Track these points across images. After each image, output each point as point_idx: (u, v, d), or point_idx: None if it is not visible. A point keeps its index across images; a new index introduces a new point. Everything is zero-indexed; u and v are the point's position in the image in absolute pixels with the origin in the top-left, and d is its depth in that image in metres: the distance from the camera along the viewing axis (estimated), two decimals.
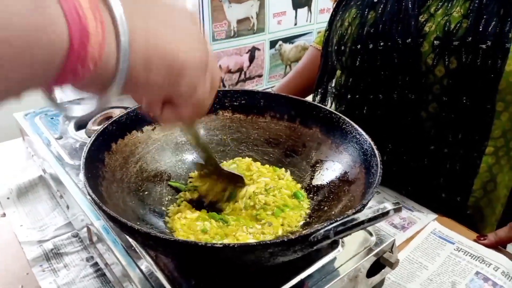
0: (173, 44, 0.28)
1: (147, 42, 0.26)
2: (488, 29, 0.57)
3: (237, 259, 0.33)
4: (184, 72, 0.28)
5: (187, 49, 0.29)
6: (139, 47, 0.25)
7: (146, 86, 0.27)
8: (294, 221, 0.48)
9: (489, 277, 0.56)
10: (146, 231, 0.32)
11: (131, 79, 0.26)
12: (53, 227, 0.63)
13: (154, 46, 0.26)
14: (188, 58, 0.28)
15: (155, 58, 0.27)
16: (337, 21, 0.74)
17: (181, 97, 0.30)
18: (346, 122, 0.52)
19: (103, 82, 0.25)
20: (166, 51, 0.27)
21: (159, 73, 0.27)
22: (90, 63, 0.23)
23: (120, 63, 0.24)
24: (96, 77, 0.24)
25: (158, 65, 0.27)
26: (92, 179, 0.40)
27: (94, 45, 0.23)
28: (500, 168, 0.67)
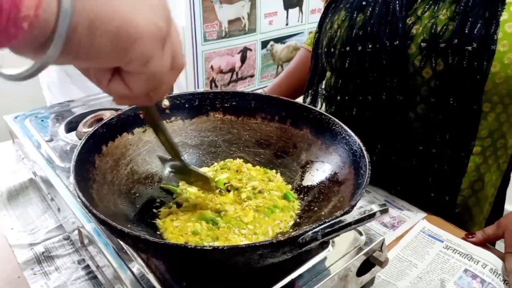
0: (125, 7, 0.25)
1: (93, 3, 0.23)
2: (474, 31, 0.57)
3: (227, 261, 0.33)
4: (135, 39, 0.25)
5: (141, 14, 0.25)
6: (83, 5, 0.23)
7: (89, 51, 0.24)
8: (284, 222, 0.48)
9: (478, 274, 0.57)
10: (135, 234, 0.32)
11: (72, 41, 0.23)
12: (44, 230, 0.63)
13: (101, 6, 0.24)
14: (140, 24, 0.25)
15: (101, 20, 0.24)
16: (327, 23, 0.75)
17: (130, 66, 0.27)
18: (336, 123, 0.52)
19: (39, 43, 0.23)
20: (116, 13, 0.24)
21: (105, 37, 0.24)
22: (23, 22, 0.21)
23: (59, 23, 0.22)
24: (32, 37, 0.22)
25: (105, 28, 0.24)
26: (82, 182, 0.40)
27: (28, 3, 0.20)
28: (487, 167, 0.68)
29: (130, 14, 0.25)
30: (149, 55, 0.27)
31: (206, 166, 0.58)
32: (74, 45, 0.23)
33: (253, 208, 0.48)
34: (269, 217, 0.48)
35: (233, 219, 0.47)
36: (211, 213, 0.47)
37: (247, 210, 0.49)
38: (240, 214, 0.47)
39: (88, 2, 0.23)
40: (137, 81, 0.29)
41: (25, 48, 0.23)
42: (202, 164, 0.58)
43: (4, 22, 0.20)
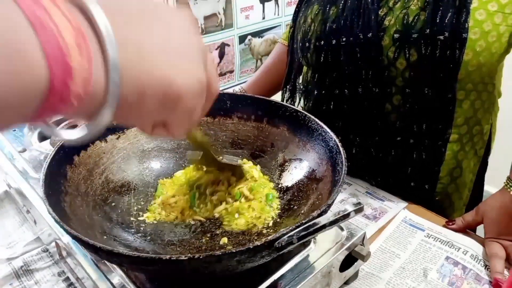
0: (169, 69, 0.25)
1: (140, 71, 0.24)
2: (445, 20, 0.58)
3: (204, 269, 0.33)
4: (179, 98, 0.26)
5: (184, 74, 0.26)
6: (131, 77, 0.23)
7: (138, 114, 0.26)
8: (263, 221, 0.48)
9: (459, 261, 0.58)
10: (108, 249, 0.31)
11: (122, 108, 0.24)
12: (22, 243, 0.62)
13: (148, 74, 0.24)
14: (185, 84, 0.26)
15: (148, 87, 0.24)
16: (300, 17, 0.74)
17: (175, 120, 0.29)
18: (312, 120, 0.52)
19: (90, 111, 0.23)
20: (161, 78, 0.25)
21: (152, 102, 0.25)
22: (73, 100, 0.21)
23: (109, 96, 0.22)
24: (82, 109, 0.22)
25: (152, 94, 0.25)
26: (53, 196, 0.39)
27: (78, 82, 0.21)
28: (465, 154, 0.69)
29: (173, 75, 0.26)
30: (193, 108, 0.28)
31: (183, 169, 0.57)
32: (123, 111, 0.24)
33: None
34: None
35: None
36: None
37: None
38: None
39: (134, 72, 0.24)
40: (179, 128, 0.30)
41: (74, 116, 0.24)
42: (179, 168, 0.57)
43: (56, 101, 0.21)
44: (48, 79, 0.20)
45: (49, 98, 0.21)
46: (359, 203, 0.32)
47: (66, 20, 0.20)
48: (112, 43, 0.22)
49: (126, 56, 0.23)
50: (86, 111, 0.23)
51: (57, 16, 0.20)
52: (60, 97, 0.21)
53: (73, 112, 0.22)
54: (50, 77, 0.20)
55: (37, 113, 0.21)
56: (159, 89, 0.25)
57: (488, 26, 0.58)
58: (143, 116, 0.27)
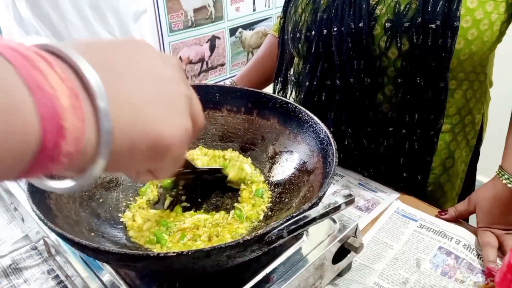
0: (158, 123, 0.26)
1: (131, 127, 0.24)
2: (437, 9, 0.57)
3: (194, 265, 0.32)
4: (169, 150, 0.27)
5: (172, 125, 0.27)
6: (122, 133, 0.24)
7: (127, 165, 0.26)
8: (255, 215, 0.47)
9: (452, 251, 0.58)
10: (94, 246, 0.31)
11: (112, 162, 0.24)
12: (11, 241, 0.61)
13: (138, 129, 0.25)
14: (173, 135, 0.27)
15: (138, 141, 0.25)
16: (291, 8, 0.73)
17: (163, 167, 0.29)
18: (302, 111, 0.51)
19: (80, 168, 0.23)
20: (151, 131, 0.25)
21: (142, 154, 0.25)
22: (63, 158, 0.21)
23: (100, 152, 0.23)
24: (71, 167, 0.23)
25: (142, 147, 0.25)
26: (37, 193, 0.38)
27: (70, 142, 0.21)
28: (457, 144, 0.69)
29: (162, 128, 0.26)
30: (180, 156, 0.29)
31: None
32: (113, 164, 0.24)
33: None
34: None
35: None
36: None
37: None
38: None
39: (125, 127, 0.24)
40: (165, 172, 0.30)
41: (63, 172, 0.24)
42: None
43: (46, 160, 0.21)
44: (40, 140, 0.20)
45: (39, 158, 0.21)
46: (350, 195, 0.32)
47: (61, 83, 0.21)
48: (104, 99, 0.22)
49: (118, 111, 0.23)
50: (76, 168, 0.23)
51: (53, 79, 0.20)
52: (50, 157, 0.21)
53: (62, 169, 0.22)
54: (42, 137, 0.20)
55: (26, 171, 0.21)
56: (149, 143, 0.25)
57: (480, 14, 0.57)
58: (132, 167, 0.28)
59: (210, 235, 0.43)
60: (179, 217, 0.46)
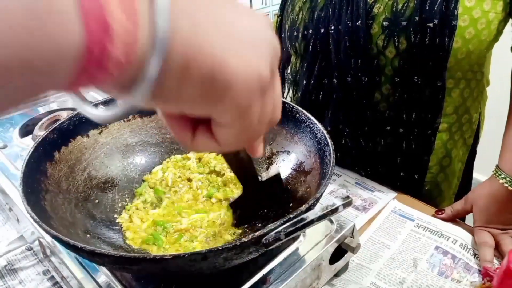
0: (223, 51, 0.21)
1: (189, 43, 0.20)
2: (434, 8, 0.57)
3: (191, 267, 0.32)
4: (229, 89, 0.22)
5: (241, 61, 0.22)
6: (178, 47, 0.20)
7: (180, 96, 0.22)
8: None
9: (448, 251, 0.58)
10: (90, 249, 0.30)
11: (162, 85, 0.20)
12: (6, 241, 0.60)
13: (197, 50, 0.21)
14: (240, 72, 0.22)
15: (195, 64, 0.21)
16: (288, 6, 0.72)
17: (223, 118, 0.24)
18: (300, 111, 0.51)
19: (127, 84, 0.20)
20: (212, 58, 0.21)
21: (198, 83, 0.21)
22: (112, 67, 0.18)
23: (149, 68, 0.19)
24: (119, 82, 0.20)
25: (198, 73, 0.21)
26: (32, 194, 0.37)
27: (119, 47, 0.18)
28: (454, 143, 0.69)
29: (227, 58, 0.21)
30: (244, 107, 0.23)
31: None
32: (163, 89, 0.21)
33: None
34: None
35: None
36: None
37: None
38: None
39: (183, 45, 0.20)
40: (228, 135, 0.25)
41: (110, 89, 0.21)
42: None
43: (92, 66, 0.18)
44: (82, 39, 0.17)
45: (85, 63, 0.18)
46: (347, 196, 0.32)
47: None
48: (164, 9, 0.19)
49: (177, 25, 0.20)
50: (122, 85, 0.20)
51: None
52: (97, 63, 0.18)
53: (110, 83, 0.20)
54: (86, 36, 0.17)
55: (71, 81, 0.19)
56: (206, 70, 0.21)
57: (477, 13, 0.57)
58: (184, 101, 0.22)
59: (207, 236, 0.43)
60: (176, 218, 0.45)
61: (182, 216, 0.46)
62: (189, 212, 0.47)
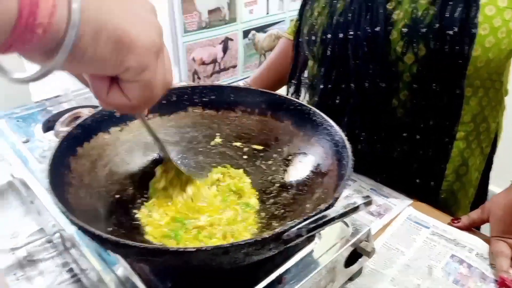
0: (126, 22, 0.28)
1: (98, 15, 0.26)
2: (455, 15, 0.57)
3: (211, 261, 0.32)
4: (132, 48, 0.28)
5: (139, 27, 0.29)
6: (89, 16, 0.26)
7: (92, 58, 0.27)
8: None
9: (464, 259, 0.58)
10: (115, 239, 0.31)
11: (77, 49, 0.26)
12: (26, 233, 0.61)
13: (105, 19, 0.27)
14: (139, 37, 0.29)
15: (104, 31, 0.27)
16: (307, 11, 0.73)
17: (127, 74, 0.30)
18: (317, 114, 0.51)
19: (49, 49, 0.25)
20: (117, 26, 0.27)
21: (106, 46, 0.27)
22: (38, 29, 0.23)
23: (68, 30, 0.25)
24: (43, 44, 0.25)
25: (107, 38, 0.27)
26: (58, 187, 0.38)
27: (44, 12, 0.23)
28: (471, 152, 0.68)
29: (130, 26, 0.28)
30: (144, 64, 0.30)
31: (187, 164, 0.56)
32: (79, 51, 0.26)
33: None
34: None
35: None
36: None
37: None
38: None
39: (94, 13, 0.26)
40: (134, 89, 0.31)
41: (35, 52, 0.26)
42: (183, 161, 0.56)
43: (22, 27, 0.23)
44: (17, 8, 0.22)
45: (18, 25, 0.23)
46: (367, 196, 0.32)
47: None
48: None
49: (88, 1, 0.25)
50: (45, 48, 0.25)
51: None
52: (27, 25, 0.23)
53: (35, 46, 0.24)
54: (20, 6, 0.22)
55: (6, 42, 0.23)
56: (113, 33, 0.27)
57: (498, 22, 0.57)
58: (96, 62, 0.28)
59: (225, 234, 0.43)
60: (194, 215, 0.46)
61: (201, 213, 0.46)
62: (206, 210, 0.48)
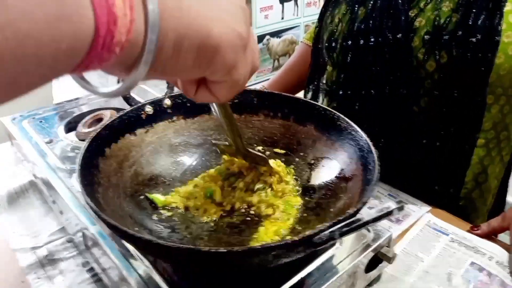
0: (207, 19, 0.25)
1: (178, 19, 0.24)
2: (478, 23, 0.57)
3: (242, 262, 0.33)
4: (217, 50, 0.26)
5: (223, 26, 0.26)
6: (168, 25, 0.24)
7: (175, 67, 0.26)
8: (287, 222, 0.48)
9: (484, 267, 0.57)
10: (147, 239, 0.32)
11: (159, 59, 0.24)
12: (47, 232, 0.62)
13: (185, 23, 0.25)
14: (223, 36, 0.26)
15: (186, 36, 0.25)
16: (327, 17, 0.74)
17: (214, 76, 0.29)
18: (341, 119, 0.52)
19: (129, 63, 0.24)
20: (199, 28, 0.25)
21: (190, 52, 0.25)
22: (116, 47, 0.22)
23: (147, 44, 0.23)
24: (122, 59, 0.23)
25: (189, 44, 0.25)
26: (88, 187, 0.39)
27: (121, 29, 0.22)
28: (491, 159, 0.68)
29: (211, 26, 0.26)
30: (232, 64, 0.28)
31: (210, 166, 0.57)
32: (160, 62, 0.24)
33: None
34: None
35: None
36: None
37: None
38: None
39: (172, 21, 0.24)
40: (222, 89, 0.30)
41: (114, 68, 0.24)
42: (205, 164, 0.57)
43: (100, 48, 0.22)
44: (94, 26, 0.21)
45: (95, 45, 0.21)
46: (400, 201, 0.32)
47: None
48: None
49: (165, 7, 0.23)
50: (124, 63, 0.24)
51: None
52: (104, 44, 0.22)
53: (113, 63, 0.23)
54: (96, 23, 0.21)
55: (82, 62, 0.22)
56: (196, 39, 0.25)
57: None
58: (180, 71, 0.27)
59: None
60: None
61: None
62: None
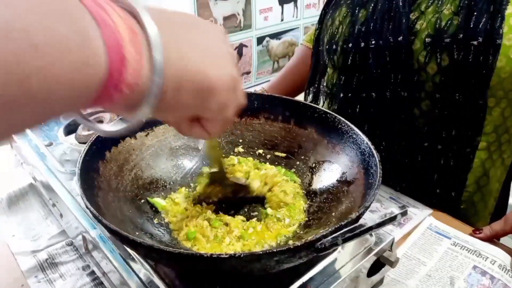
0: (204, 65, 0.28)
1: (178, 65, 0.27)
2: (479, 26, 0.57)
3: (243, 268, 0.32)
4: (212, 91, 0.29)
5: (217, 70, 0.29)
6: (171, 70, 0.26)
7: (175, 106, 0.28)
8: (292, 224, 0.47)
9: (487, 271, 0.57)
10: (149, 244, 0.31)
11: (161, 102, 0.26)
12: (47, 236, 0.62)
13: (185, 68, 0.27)
14: (218, 79, 0.29)
15: (185, 80, 0.27)
16: (327, 19, 0.74)
17: (209, 114, 0.31)
18: (342, 122, 0.51)
19: (134, 104, 0.26)
20: (197, 72, 0.28)
21: (188, 94, 0.28)
22: (125, 89, 0.24)
23: (153, 87, 0.25)
24: (128, 100, 0.25)
25: (188, 86, 0.28)
26: (88, 190, 0.39)
27: (131, 72, 0.24)
28: (492, 162, 0.68)
29: (209, 68, 0.29)
30: (224, 104, 0.31)
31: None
32: (163, 104, 0.27)
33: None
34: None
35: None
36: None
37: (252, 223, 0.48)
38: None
39: (173, 69, 0.27)
40: (215, 126, 0.33)
41: (119, 107, 0.26)
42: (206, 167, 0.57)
43: (112, 88, 0.24)
44: (107, 67, 0.23)
45: (106, 85, 0.23)
46: (403, 206, 0.32)
47: (121, 20, 0.24)
48: (158, 44, 0.25)
49: (168, 56, 0.26)
50: (130, 103, 0.26)
51: (115, 16, 0.24)
52: (115, 86, 0.24)
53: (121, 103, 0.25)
54: (109, 65, 0.23)
55: (93, 101, 0.24)
56: (194, 82, 0.28)
57: None
58: (179, 110, 0.29)
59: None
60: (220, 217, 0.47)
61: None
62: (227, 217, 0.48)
